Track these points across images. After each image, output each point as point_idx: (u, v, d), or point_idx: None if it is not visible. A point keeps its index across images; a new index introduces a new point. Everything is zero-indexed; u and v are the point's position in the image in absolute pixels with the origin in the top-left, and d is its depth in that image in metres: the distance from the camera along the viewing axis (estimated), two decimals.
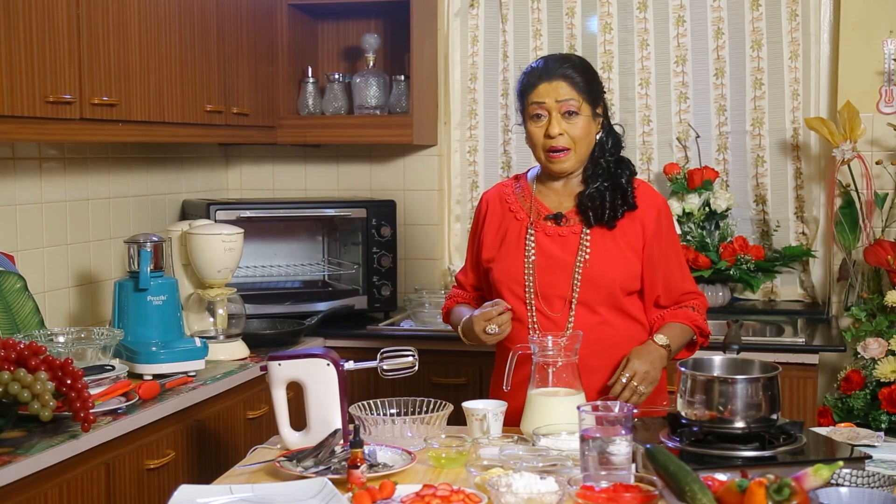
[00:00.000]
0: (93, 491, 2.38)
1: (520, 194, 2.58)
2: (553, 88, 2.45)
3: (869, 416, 3.27)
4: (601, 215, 2.47)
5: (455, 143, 4.16)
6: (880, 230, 3.72)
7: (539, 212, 2.53)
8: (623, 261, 2.46)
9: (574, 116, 2.45)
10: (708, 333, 2.57)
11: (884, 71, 3.73)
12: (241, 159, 4.30)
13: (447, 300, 2.73)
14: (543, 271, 2.47)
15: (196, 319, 3.21)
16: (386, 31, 4.12)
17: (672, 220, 2.62)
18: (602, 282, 2.45)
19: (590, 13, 4.01)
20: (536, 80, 2.47)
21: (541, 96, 2.45)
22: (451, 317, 2.66)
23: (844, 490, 1.69)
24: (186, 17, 3.20)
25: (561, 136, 2.44)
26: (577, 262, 2.46)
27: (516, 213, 2.55)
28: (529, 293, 2.48)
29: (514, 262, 2.51)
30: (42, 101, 2.57)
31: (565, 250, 2.48)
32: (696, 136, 3.93)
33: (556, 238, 2.50)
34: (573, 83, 2.46)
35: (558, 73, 2.46)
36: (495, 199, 2.61)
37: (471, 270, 2.67)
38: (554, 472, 1.90)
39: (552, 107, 2.44)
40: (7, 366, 2.17)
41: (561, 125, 2.44)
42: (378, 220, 3.78)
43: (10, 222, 3.01)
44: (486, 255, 2.57)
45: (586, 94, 2.46)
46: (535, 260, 2.49)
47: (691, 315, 2.52)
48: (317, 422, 2.19)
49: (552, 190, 2.55)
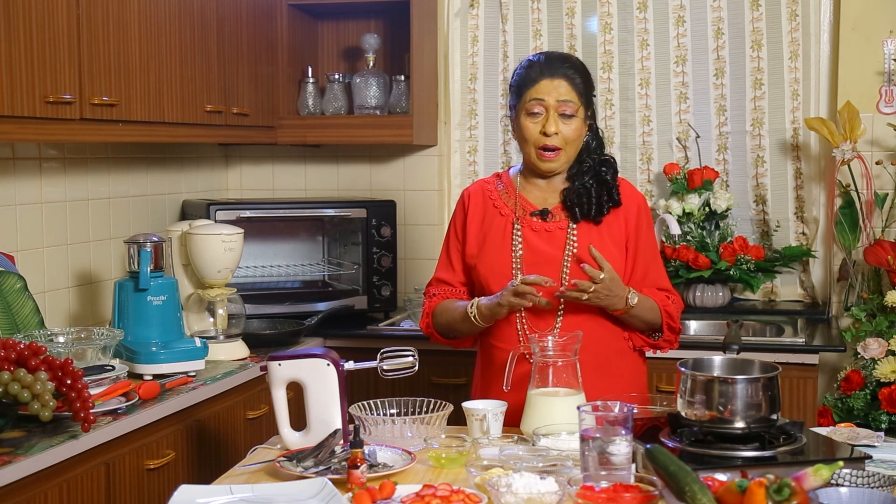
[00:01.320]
0: (93, 491, 2.38)
1: (503, 191, 2.57)
2: (554, 87, 2.45)
3: (869, 417, 3.27)
4: (588, 210, 2.48)
5: (455, 143, 4.16)
6: (880, 230, 3.72)
7: (524, 207, 2.53)
8: (609, 255, 2.46)
9: (570, 119, 2.45)
10: (678, 329, 2.53)
11: (884, 71, 3.73)
12: (241, 159, 4.30)
13: (427, 301, 2.61)
14: (531, 266, 2.47)
15: (196, 319, 3.21)
16: (386, 31, 4.12)
17: (651, 218, 2.63)
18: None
19: (590, 13, 4.01)
20: (538, 76, 2.47)
21: (541, 93, 2.45)
22: (441, 316, 2.56)
23: (844, 490, 1.69)
24: (186, 18, 3.20)
25: (556, 136, 2.45)
26: (565, 257, 2.47)
27: (500, 208, 2.55)
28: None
29: (501, 258, 2.50)
30: (42, 101, 2.56)
31: (552, 245, 2.48)
32: (696, 136, 3.93)
33: (542, 233, 2.50)
34: (573, 84, 2.46)
35: (560, 72, 2.46)
36: (477, 195, 2.59)
37: (458, 265, 2.59)
38: (554, 472, 1.90)
39: (551, 105, 2.45)
40: (7, 366, 2.17)
41: (557, 125, 2.45)
42: (378, 220, 3.78)
43: (10, 222, 3.01)
44: (470, 251, 2.56)
45: (583, 96, 2.48)
46: (522, 255, 2.49)
47: (665, 301, 2.50)
48: (317, 422, 2.20)
49: (536, 186, 2.55)
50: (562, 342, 2.25)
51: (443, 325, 2.58)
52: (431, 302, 2.61)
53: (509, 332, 2.48)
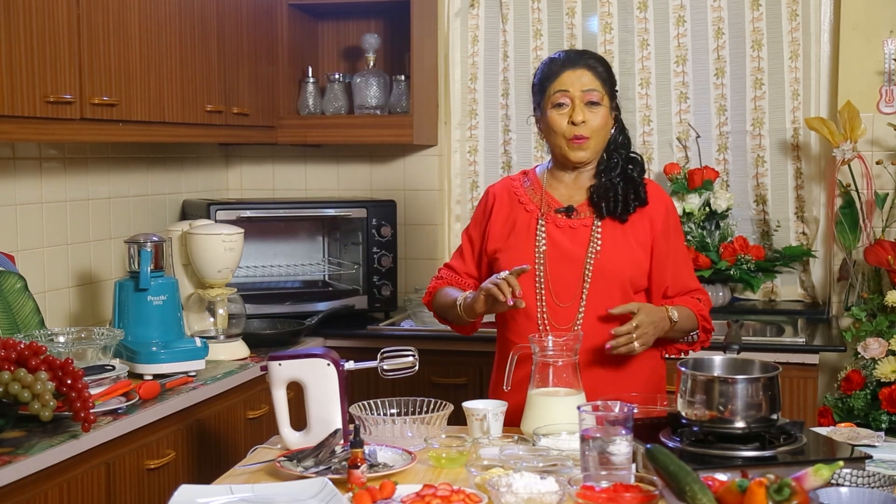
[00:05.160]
0: (93, 491, 2.38)
1: (529, 187, 2.58)
2: (577, 77, 2.46)
3: (869, 416, 3.27)
4: (614, 207, 2.48)
5: (455, 143, 4.16)
6: (880, 230, 3.72)
7: (549, 204, 2.53)
8: (633, 255, 2.47)
9: (596, 107, 2.46)
10: (711, 329, 2.56)
11: (884, 71, 3.73)
12: (242, 159, 4.31)
13: (433, 281, 2.67)
14: (554, 262, 2.47)
15: (196, 319, 3.21)
16: (386, 31, 4.12)
17: (679, 220, 2.63)
18: (613, 274, 2.45)
19: (590, 13, 4.01)
20: (559, 69, 2.48)
21: (565, 84, 2.46)
22: (438, 298, 2.61)
23: (844, 490, 1.69)
24: (186, 17, 3.20)
25: (584, 125, 2.45)
26: (588, 255, 2.46)
27: (526, 204, 2.55)
28: (540, 284, 2.47)
29: (524, 253, 2.50)
30: (42, 101, 2.57)
31: (576, 243, 2.48)
32: (696, 136, 3.93)
33: (566, 230, 2.50)
34: (596, 73, 2.48)
35: (581, 63, 2.48)
36: (503, 192, 2.61)
37: (470, 259, 2.62)
38: (554, 472, 1.89)
39: (576, 95, 2.45)
40: (7, 366, 2.17)
41: (584, 113, 2.45)
42: (378, 220, 3.78)
43: (10, 222, 3.01)
44: (493, 246, 2.56)
45: (608, 84, 2.49)
46: (545, 250, 2.49)
47: (698, 306, 2.52)
48: (317, 422, 2.19)
49: (563, 183, 2.56)
50: (562, 342, 2.24)
51: (438, 306, 2.60)
52: (436, 283, 2.66)
53: (530, 328, 2.46)
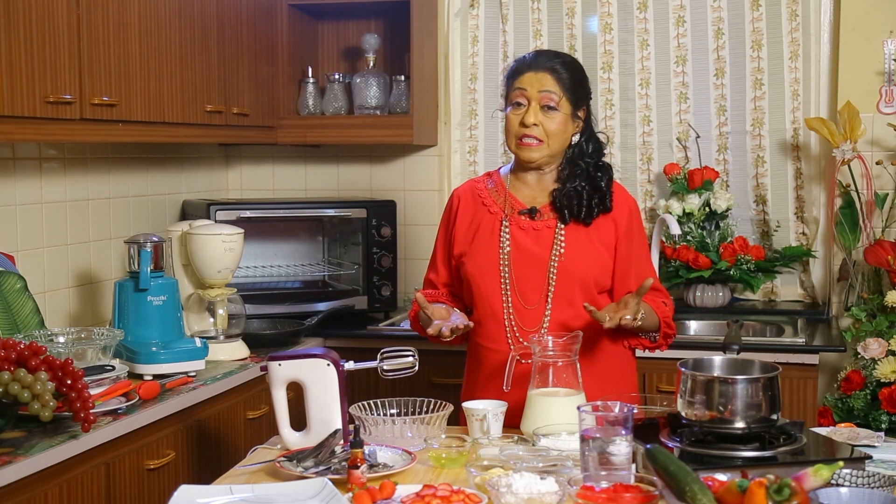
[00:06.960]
0: (93, 491, 2.38)
1: (493, 189, 2.58)
2: (537, 79, 2.47)
3: (869, 417, 3.27)
4: (577, 213, 2.49)
5: (455, 143, 4.16)
6: (880, 230, 3.72)
7: (513, 206, 2.54)
8: (597, 256, 2.48)
9: (552, 111, 2.46)
10: (673, 333, 2.54)
11: (884, 71, 3.73)
12: (241, 159, 4.31)
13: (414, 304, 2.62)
14: (518, 264, 2.48)
15: (196, 319, 3.21)
16: (386, 31, 4.12)
17: (642, 221, 2.64)
18: (577, 276, 2.46)
19: (590, 13, 4.01)
20: (524, 68, 2.50)
21: (524, 84, 2.47)
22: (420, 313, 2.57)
23: (844, 490, 1.69)
24: (186, 17, 3.20)
25: (535, 127, 2.46)
26: (552, 257, 2.47)
27: (489, 206, 2.56)
28: (505, 286, 2.48)
29: (489, 256, 2.51)
30: (42, 101, 2.57)
31: (539, 244, 2.49)
32: (696, 137, 3.93)
33: (530, 232, 2.51)
34: (558, 78, 2.47)
35: (546, 66, 2.48)
36: (467, 194, 2.61)
37: (442, 267, 2.63)
38: (554, 472, 1.90)
39: (533, 96, 2.46)
40: (7, 366, 2.17)
41: (537, 116, 2.46)
42: (378, 221, 3.78)
43: (10, 222, 3.01)
44: (458, 250, 2.57)
45: (569, 91, 2.48)
46: (509, 252, 2.50)
47: (664, 309, 2.51)
48: (317, 422, 2.19)
49: (526, 184, 2.56)
50: (562, 342, 2.25)
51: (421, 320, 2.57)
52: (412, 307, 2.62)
53: (498, 331, 2.49)
